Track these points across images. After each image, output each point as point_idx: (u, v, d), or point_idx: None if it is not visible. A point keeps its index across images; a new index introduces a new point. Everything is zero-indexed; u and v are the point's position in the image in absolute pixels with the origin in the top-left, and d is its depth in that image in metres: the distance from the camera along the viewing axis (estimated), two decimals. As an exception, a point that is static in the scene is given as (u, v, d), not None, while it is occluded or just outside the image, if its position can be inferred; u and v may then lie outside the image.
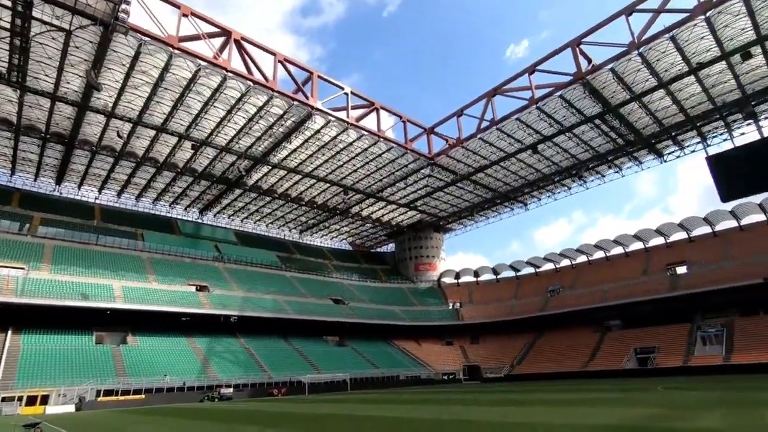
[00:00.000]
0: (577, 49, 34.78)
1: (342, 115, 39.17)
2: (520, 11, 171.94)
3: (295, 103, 36.34)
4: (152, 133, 37.96)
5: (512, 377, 48.36)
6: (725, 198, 35.17)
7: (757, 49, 31.27)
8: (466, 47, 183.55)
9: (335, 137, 41.43)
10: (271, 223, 62.17)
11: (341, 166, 46.62)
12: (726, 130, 41.62)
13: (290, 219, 61.14)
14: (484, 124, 41.59)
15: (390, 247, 77.25)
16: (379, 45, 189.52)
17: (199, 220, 57.85)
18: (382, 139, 42.65)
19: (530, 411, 15.11)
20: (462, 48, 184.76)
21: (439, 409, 17.44)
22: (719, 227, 50.98)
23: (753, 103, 37.21)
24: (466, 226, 68.75)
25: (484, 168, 48.27)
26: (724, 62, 32.84)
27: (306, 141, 41.51)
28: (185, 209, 55.15)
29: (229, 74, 32.44)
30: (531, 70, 37.76)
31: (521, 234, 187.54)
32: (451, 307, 64.18)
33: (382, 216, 62.65)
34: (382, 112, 42.38)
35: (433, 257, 70.89)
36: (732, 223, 50.03)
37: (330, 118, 38.76)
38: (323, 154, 44.33)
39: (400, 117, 44.58)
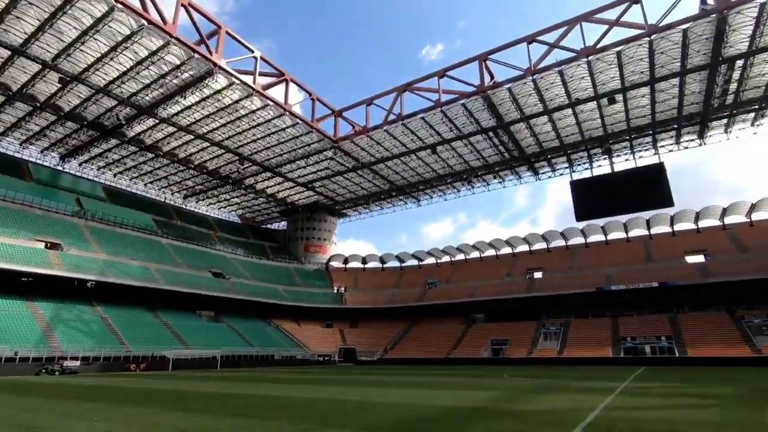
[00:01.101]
0: (484, 63, 37.42)
1: (248, 80, 36.75)
2: (441, 16, 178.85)
3: (196, 55, 33.03)
4: (6, 53, 31.33)
5: (384, 361, 51.06)
6: (579, 218, 41.39)
7: (620, 97, 37.05)
8: (384, 38, 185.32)
9: (237, 101, 38.78)
10: (151, 182, 56.04)
11: (240, 133, 43.88)
12: (588, 160, 48.66)
13: (174, 181, 55.81)
14: (392, 117, 42.63)
15: (282, 224, 75.31)
16: (298, 15, 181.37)
17: (60, 168, 49.58)
18: (288, 113, 41.10)
19: (393, 392, 16.14)
20: (380, 38, 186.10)
21: (310, 388, 17.70)
22: (571, 242, 59.77)
23: (611, 141, 44.12)
24: (361, 214, 70.06)
25: (386, 160, 49.57)
26: (595, 102, 38.26)
27: (203, 100, 38.13)
28: (42, 152, 46.78)
29: (119, 5, 28.18)
30: (441, 74, 39.63)
31: (411, 227, 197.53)
32: (335, 291, 65.12)
33: (278, 192, 60.68)
34: (291, 85, 40.77)
35: (324, 240, 70.95)
36: (581, 240, 59.05)
37: (234, 80, 36.07)
38: (221, 117, 41.23)
39: (310, 94, 43.40)
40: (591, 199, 39.87)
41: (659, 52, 32.10)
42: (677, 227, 53.79)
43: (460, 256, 66.93)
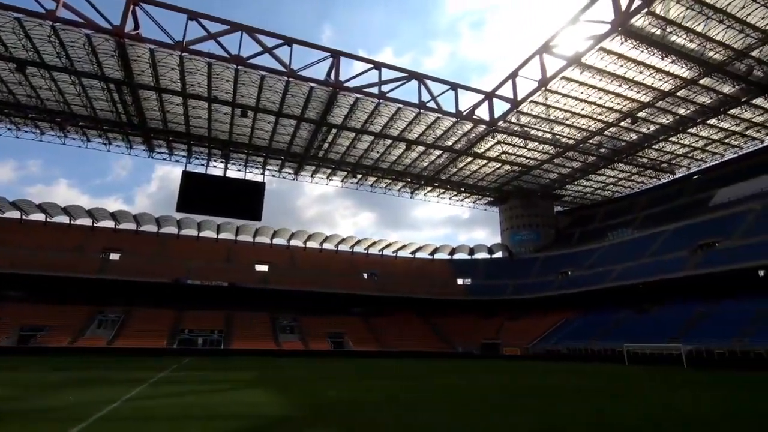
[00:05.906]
0: (133, 6, 31.99)
1: None
2: None
3: None
4: None
5: None
6: (180, 208, 40.89)
7: (251, 114, 40.68)
8: None
9: None
10: None
11: None
12: (207, 157, 49.71)
13: None
14: (-39, -11, 28.65)
15: None
16: None
17: None
18: None
19: None
20: None
21: None
22: (164, 230, 58.12)
23: (231, 149, 47.25)
24: None
25: (-76, 42, 32.19)
26: (230, 108, 40.19)
27: None
28: None
29: None
30: (70, -18, 30.70)
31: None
32: None
33: None
34: None
35: None
36: (174, 230, 58.45)
37: None
38: None
39: None
40: (197, 194, 40.32)
41: (290, 94, 37.99)
42: (257, 239, 62.94)
43: (14, 214, 51.11)
